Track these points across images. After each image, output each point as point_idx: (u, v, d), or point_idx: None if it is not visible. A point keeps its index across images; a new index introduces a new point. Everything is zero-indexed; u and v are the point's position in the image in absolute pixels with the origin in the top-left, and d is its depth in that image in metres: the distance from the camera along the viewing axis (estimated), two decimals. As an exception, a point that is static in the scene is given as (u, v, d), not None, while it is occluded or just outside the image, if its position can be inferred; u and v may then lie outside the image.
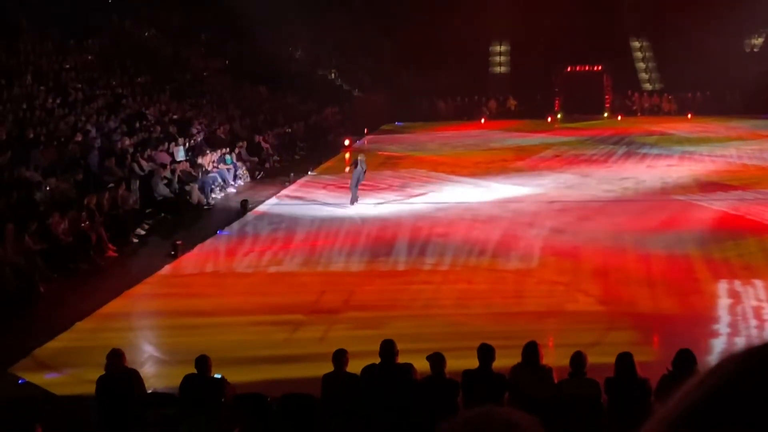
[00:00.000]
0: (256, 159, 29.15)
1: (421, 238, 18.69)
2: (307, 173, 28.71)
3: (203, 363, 8.72)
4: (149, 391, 9.40)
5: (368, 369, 8.83)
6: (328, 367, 8.89)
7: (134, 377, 9.01)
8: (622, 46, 51.13)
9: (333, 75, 49.44)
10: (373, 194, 23.96)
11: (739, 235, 18.28)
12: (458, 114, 47.26)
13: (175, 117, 29.66)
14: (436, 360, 8.56)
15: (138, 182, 21.17)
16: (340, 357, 8.78)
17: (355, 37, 48.27)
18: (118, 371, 8.87)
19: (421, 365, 8.80)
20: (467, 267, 16.46)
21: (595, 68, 49.67)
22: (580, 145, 35.53)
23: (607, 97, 49.23)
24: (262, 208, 23.05)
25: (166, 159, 24.03)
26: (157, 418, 8.67)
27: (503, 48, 52.02)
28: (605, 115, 47.87)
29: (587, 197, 23.72)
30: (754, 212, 20.68)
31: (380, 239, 18.91)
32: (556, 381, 8.49)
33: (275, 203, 23.82)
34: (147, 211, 20.61)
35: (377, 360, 8.83)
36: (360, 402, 8.62)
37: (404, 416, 8.53)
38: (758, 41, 51.66)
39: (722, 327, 12.51)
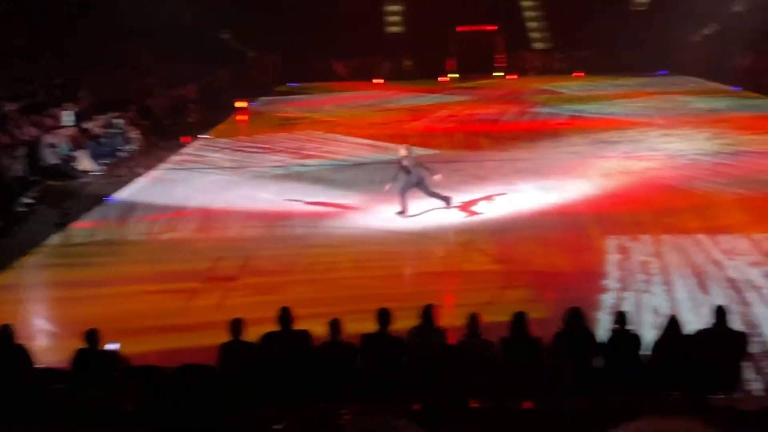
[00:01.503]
0: (147, 123, 28.45)
1: (318, 201, 18.62)
2: (199, 137, 28.18)
3: (93, 336, 8.52)
4: (40, 367, 9.13)
5: (266, 337, 8.76)
6: (226, 336, 8.79)
7: (23, 353, 8.74)
8: (513, 6, 51.59)
9: (226, 35, 48.47)
10: (269, 156, 23.71)
11: (628, 189, 18.73)
12: (353, 75, 47.08)
13: (60, 81, 28.66)
14: (333, 325, 8.55)
15: (23, 149, 20.44)
16: (236, 326, 8.69)
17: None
18: (7, 347, 8.59)
19: (321, 330, 8.78)
20: (366, 229, 16.46)
21: (488, 28, 50.05)
22: (474, 105, 35.86)
23: (499, 56, 49.72)
24: (153, 173, 22.54)
25: (52, 124, 23.24)
26: (49, 394, 8.43)
27: (397, 8, 51.90)
28: (498, 74, 48.38)
29: (482, 157, 23.99)
30: (637, 169, 21.23)
31: (278, 205, 18.72)
32: (453, 342, 8.57)
33: (168, 168, 23.33)
34: (33, 179, 19.93)
35: (276, 327, 8.77)
36: (259, 371, 8.55)
37: (304, 383, 8.50)
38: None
39: (612, 282, 12.84)
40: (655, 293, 12.28)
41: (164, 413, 7.43)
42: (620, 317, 8.58)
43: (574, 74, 46.93)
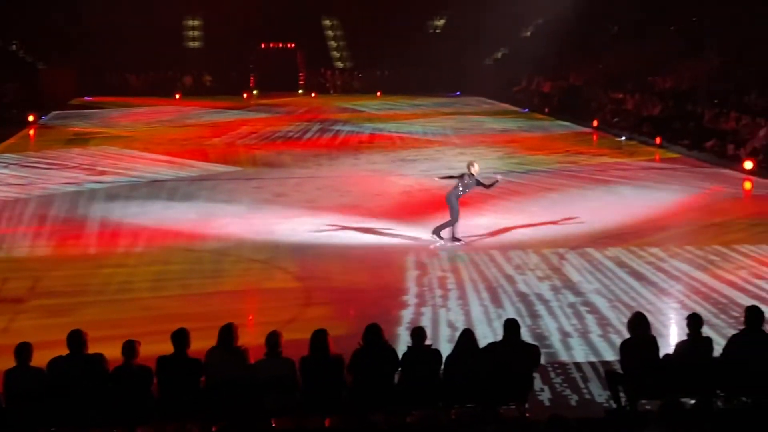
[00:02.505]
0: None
1: (114, 220, 18.04)
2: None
3: None
4: None
5: (54, 362, 8.32)
6: (11, 362, 8.29)
7: None
8: (314, 24, 52.07)
9: (14, 47, 46.22)
10: (61, 173, 22.74)
11: (425, 206, 19.15)
12: (152, 89, 46.02)
13: None
14: (128, 347, 8.25)
15: None
16: (22, 351, 8.21)
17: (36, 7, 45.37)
18: None
19: (116, 353, 8.44)
20: (163, 248, 16.05)
21: (289, 45, 50.23)
22: (276, 122, 35.84)
23: (301, 74, 50.00)
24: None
25: None
26: None
27: (196, 23, 51.23)
28: (300, 92, 48.64)
29: (284, 174, 23.97)
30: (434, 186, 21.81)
31: (69, 221, 17.98)
32: (252, 362, 8.44)
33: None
34: None
35: (66, 351, 8.36)
36: (48, 398, 8.11)
37: (98, 407, 8.14)
38: (440, 22, 54.56)
39: (411, 298, 13.08)
40: (451, 308, 12.60)
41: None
42: (418, 333, 8.73)
43: (374, 94, 47.78)
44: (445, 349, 8.95)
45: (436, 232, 16.06)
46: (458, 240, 15.97)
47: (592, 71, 40.74)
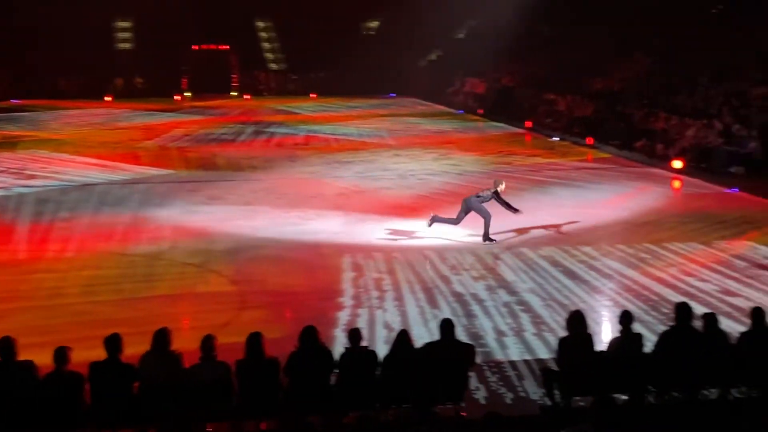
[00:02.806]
0: None
1: (44, 225, 17.70)
2: None
3: None
4: None
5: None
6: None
7: None
8: (247, 26, 51.76)
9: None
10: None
11: (359, 209, 19.19)
12: (82, 92, 45.28)
13: None
14: (59, 353, 8.09)
15: None
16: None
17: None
18: None
19: (47, 360, 8.27)
20: (95, 253, 15.79)
21: (222, 47, 49.85)
22: (209, 124, 35.54)
23: (234, 76, 49.66)
24: None
25: None
26: None
27: (127, 24, 50.54)
28: (233, 94, 48.31)
29: (218, 177, 23.79)
30: (370, 188, 21.87)
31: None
32: (186, 366, 8.35)
33: None
34: None
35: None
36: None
37: (29, 415, 7.98)
38: (374, 24, 54.68)
39: (347, 299, 13.06)
40: (387, 309, 12.62)
41: None
42: (355, 334, 8.72)
43: (308, 95, 47.68)
44: (382, 350, 8.95)
45: (486, 238, 16.02)
46: (492, 240, 16.07)
47: (524, 73, 41.18)
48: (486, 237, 16.12)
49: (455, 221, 16.29)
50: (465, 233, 16.70)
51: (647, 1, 35.55)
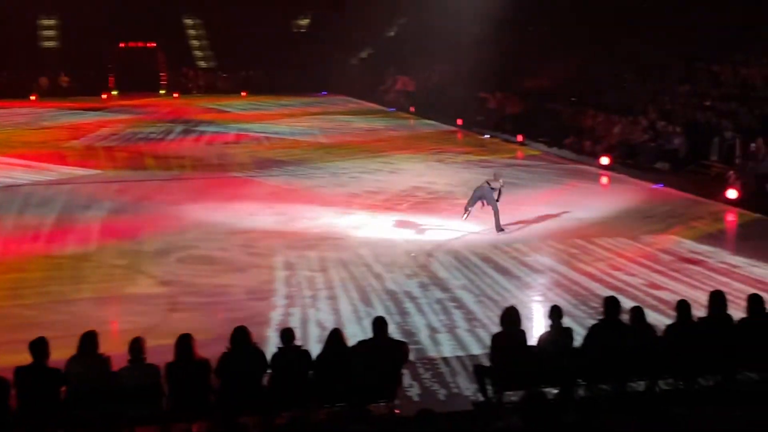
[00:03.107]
0: None
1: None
2: None
3: None
4: None
5: None
6: None
7: None
8: (175, 23, 51.13)
9: None
10: None
11: (292, 207, 19.09)
12: (6, 91, 44.20)
13: None
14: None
15: None
16: None
17: None
18: None
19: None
20: (20, 255, 15.44)
21: (149, 45, 49.16)
22: (137, 123, 35.02)
23: (162, 74, 49.01)
24: None
25: None
26: None
27: (52, 22, 49.52)
28: (161, 92, 47.70)
29: (146, 176, 23.47)
30: (305, 185, 21.79)
31: None
32: (115, 369, 8.20)
33: None
34: None
35: None
36: None
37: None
38: (305, 22, 54.46)
39: (279, 299, 12.98)
40: (320, 308, 12.57)
41: None
42: (287, 334, 8.66)
43: (239, 94, 47.31)
44: (315, 349, 8.91)
45: (498, 229, 16.55)
46: (503, 230, 16.61)
47: (456, 70, 41.39)
48: (498, 227, 16.51)
49: (496, 212, 16.57)
50: (399, 231, 16.74)
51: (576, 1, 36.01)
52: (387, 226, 17.36)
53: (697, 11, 29.65)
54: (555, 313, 9.00)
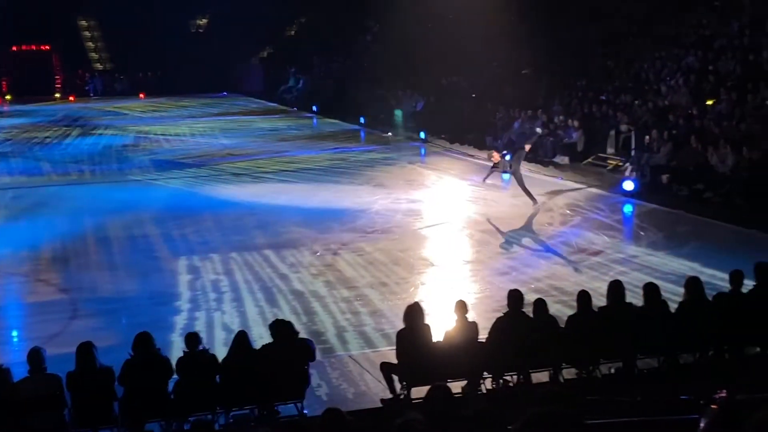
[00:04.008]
0: None
1: None
2: None
3: None
4: None
5: None
6: None
7: None
8: (69, 25, 49.99)
9: None
10: None
11: (195, 211, 18.89)
12: None
13: None
14: None
15: None
16: None
17: None
18: None
19: None
20: None
21: (43, 47, 47.96)
22: (33, 127, 34.11)
23: (57, 77, 47.88)
24: None
25: None
26: None
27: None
28: (57, 95, 46.62)
29: (41, 182, 22.89)
30: (207, 188, 21.55)
31: None
32: (15, 380, 7.97)
33: None
34: None
35: None
36: None
37: None
38: (203, 21, 53.88)
39: (184, 303, 12.80)
40: (225, 311, 12.44)
41: None
42: (192, 338, 8.55)
43: (137, 96, 46.56)
44: (221, 353, 8.82)
45: (532, 200, 18.16)
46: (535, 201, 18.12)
47: (356, 69, 41.48)
48: (532, 198, 18.15)
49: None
50: (304, 230, 16.72)
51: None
52: (291, 226, 17.29)
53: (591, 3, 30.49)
54: (461, 307, 9.10)
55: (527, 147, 18.87)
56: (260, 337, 9.98)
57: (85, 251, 15.73)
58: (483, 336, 9.16)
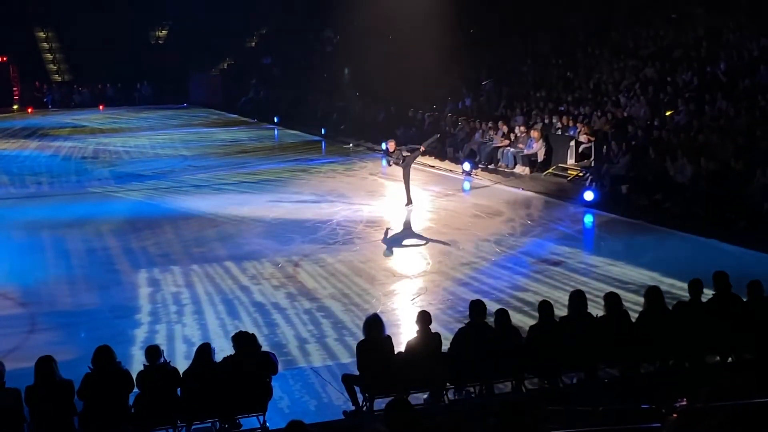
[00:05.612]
0: None
1: None
2: None
3: None
4: None
5: None
6: None
7: None
8: (26, 36, 49.51)
9: None
10: None
11: (155, 223, 18.74)
12: None
13: None
14: None
15: None
16: None
17: None
18: None
19: None
20: None
21: (0, 59, 47.41)
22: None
23: (15, 89, 47.33)
24: None
25: None
26: None
27: None
28: (14, 107, 46.10)
29: (6, 194, 22.62)
30: (167, 200, 21.40)
31: None
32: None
33: None
34: None
35: None
36: None
37: None
38: (162, 33, 53.59)
39: (144, 316, 12.69)
40: (186, 323, 12.34)
41: None
42: (153, 351, 8.47)
43: (97, 107, 46.22)
44: (183, 366, 8.75)
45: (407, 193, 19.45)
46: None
47: (316, 80, 41.46)
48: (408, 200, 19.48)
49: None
50: (265, 242, 16.64)
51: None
52: (252, 238, 17.22)
53: (549, 14, 30.72)
54: (423, 318, 9.10)
55: (422, 148, 20.32)
56: (221, 349, 9.90)
57: (44, 264, 15.53)
58: (446, 347, 9.18)
